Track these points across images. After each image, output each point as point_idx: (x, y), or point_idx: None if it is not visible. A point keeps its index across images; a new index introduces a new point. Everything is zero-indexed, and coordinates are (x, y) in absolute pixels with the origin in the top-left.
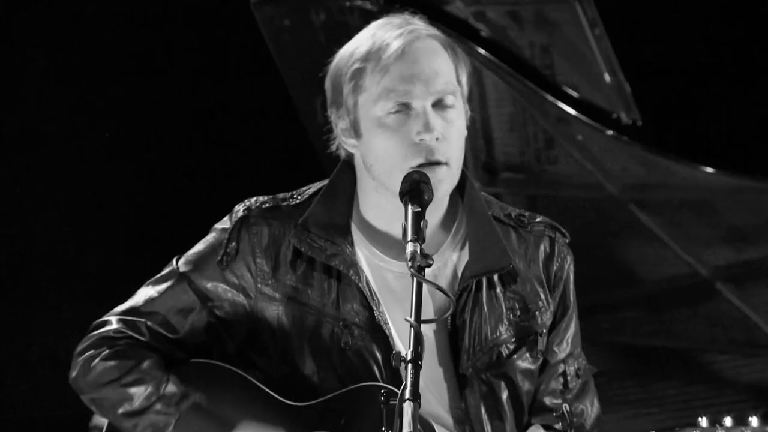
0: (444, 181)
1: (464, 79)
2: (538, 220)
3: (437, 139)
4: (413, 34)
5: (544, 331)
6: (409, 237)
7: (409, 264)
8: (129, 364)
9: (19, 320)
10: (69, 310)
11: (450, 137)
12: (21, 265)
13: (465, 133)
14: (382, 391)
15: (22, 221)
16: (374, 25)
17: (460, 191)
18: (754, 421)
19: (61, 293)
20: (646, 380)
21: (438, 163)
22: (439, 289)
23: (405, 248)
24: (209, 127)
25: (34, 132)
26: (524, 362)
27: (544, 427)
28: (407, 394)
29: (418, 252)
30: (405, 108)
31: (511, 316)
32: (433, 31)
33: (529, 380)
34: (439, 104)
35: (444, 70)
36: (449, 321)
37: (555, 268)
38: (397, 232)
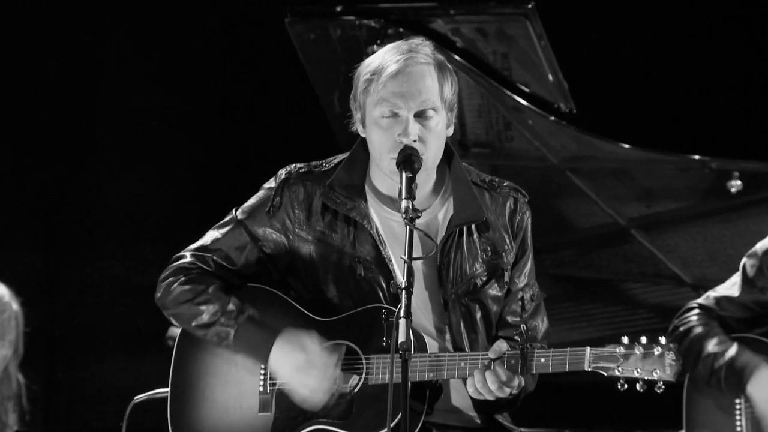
0: (421, 165)
1: (448, 94)
2: (505, 184)
3: (414, 141)
4: (409, 60)
5: (509, 267)
6: (404, 196)
7: (403, 216)
8: (200, 288)
9: (110, 257)
10: (151, 248)
11: (427, 139)
12: (114, 214)
13: (445, 133)
14: (383, 311)
15: (116, 180)
16: (387, 47)
17: (448, 164)
18: (662, 339)
19: (144, 235)
20: (579, 302)
21: None
22: (426, 234)
23: (401, 206)
24: (259, 112)
25: (121, 111)
26: (493, 290)
27: (506, 338)
28: (401, 314)
29: (410, 207)
30: (394, 115)
31: (485, 256)
32: (429, 58)
33: (497, 304)
34: (420, 115)
35: (427, 89)
36: (438, 259)
37: (517, 220)
38: (396, 193)
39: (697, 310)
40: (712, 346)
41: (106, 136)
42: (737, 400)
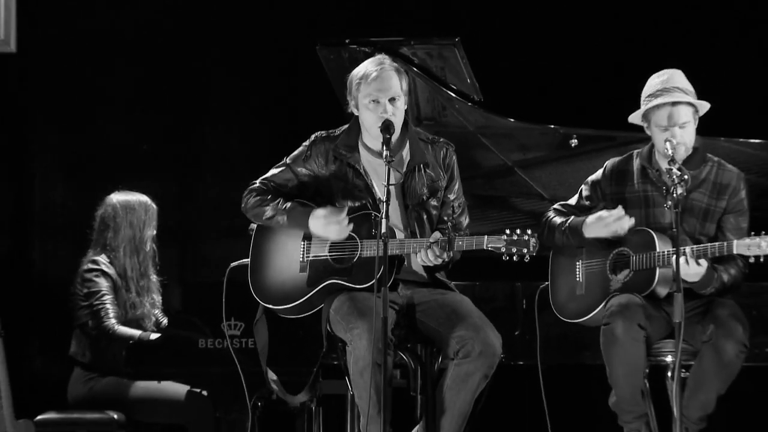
0: (394, 130)
1: (404, 86)
2: (441, 140)
3: (390, 115)
4: (381, 69)
5: (443, 189)
6: (384, 149)
7: (384, 160)
8: (265, 197)
9: (216, 182)
10: (241, 176)
11: (396, 113)
12: (217, 156)
13: (404, 108)
14: (373, 215)
15: (219, 135)
16: (366, 62)
17: (407, 128)
18: (528, 231)
19: (237, 168)
20: (484, 209)
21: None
22: (398, 170)
23: (383, 154)
24: (301, 100)
25: (226, 93)
26: (434, 202)
27: (440, 229)
28: (382, 215)
29: (388, 155)
30: (376, 102)
31: (429, 182)
32: (392, 64)
33: (436, 210)
34: (392, 101)
35: (394, 85)
36: (402, 185)
37: (447, 161)
38: (378, 147)
39: (553, 212)
40: (560, 220)
41: (216, 108)
42: (577, 261)
